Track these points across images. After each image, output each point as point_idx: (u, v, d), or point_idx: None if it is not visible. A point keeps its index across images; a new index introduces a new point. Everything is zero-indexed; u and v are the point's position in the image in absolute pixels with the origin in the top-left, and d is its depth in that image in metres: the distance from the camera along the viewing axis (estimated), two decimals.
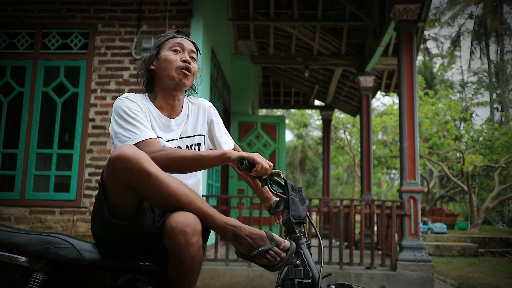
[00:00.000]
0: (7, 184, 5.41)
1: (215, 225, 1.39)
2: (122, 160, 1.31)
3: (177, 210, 1.36)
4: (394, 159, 16.89)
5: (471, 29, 26.57)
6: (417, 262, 4.73)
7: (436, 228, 13.92)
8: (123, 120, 1.55)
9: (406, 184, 4.98)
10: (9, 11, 4.82)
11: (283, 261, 1.37)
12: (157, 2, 4.81)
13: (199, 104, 1.82)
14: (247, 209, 4.95)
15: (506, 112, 20.99)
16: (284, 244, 1.39)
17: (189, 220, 1.32)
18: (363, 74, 7.78)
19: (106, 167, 1.36)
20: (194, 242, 1.31)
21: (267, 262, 1.37)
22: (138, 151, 1.35)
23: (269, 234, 1.40)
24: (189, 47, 1.73)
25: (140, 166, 1.31)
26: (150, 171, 1.32)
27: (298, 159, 30.44)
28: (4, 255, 1.35)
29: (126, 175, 1.32)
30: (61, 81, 4.71)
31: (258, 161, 1.43)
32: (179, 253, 1.32)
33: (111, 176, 1.35)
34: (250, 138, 8.13)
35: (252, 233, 1.38)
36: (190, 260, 1.33)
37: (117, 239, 1.43)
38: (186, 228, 1.30)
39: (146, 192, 1.36)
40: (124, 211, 1.40)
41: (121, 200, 1.38)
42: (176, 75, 1.66)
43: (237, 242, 1.39)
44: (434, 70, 29.58)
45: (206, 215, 1.38)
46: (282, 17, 7.28)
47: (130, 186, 1.35)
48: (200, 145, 1.77)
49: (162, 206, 1.39)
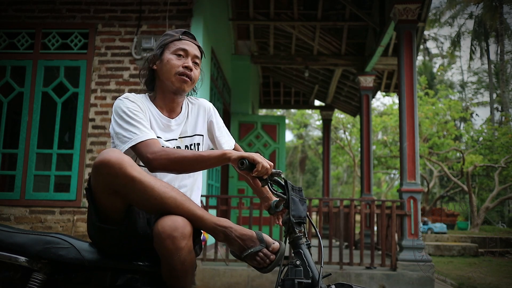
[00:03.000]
0: (7, 184, 5.40)
1: (206, 227, 1.38)
2: (105, 166, 1.30)
3: (165, 213, 1.35)
4: (394, 159, 16.89)
5: (471, 29, 26.58)
6: (417, 262, 4.73)
7: (436, 228, 13.92)
8: (123, 121, 1.55)
9: (406, 184, 4.98)
10: (9, 11, 4.82)
11: (273, 263, 1.37)
12: (157, 2, 4.81)
13: (199, 104, 1.81)
14: (247, 209, 4.95)
15: (506, 112, 20.98)
16: (274, 246, 1.39)
17: (177, 224, 1.31)
18: (363, 74, 7.77)
19: (92, 172, 1.36)
20: (182, 246, 1.30)
21: (257, 264, 1.38)
22: (122, 155, 1.34)
23: (259, 235, 1.40)
24: (193, 52, 1.71)
25: (123, 171, 1.30)
26: (134, 175, 1.31)
27: (298, 159, 30.43)
28: (4, 255, 1.35)
29: (110, 180, 1.31)
30: (61, 81, 4.71)
31: (258, 161, 1.43)
32: (169, 257, 1.31)
33: (96, 182, 1.35)
34: (250, 138, 8.13)
35: (243, 234, 1.38)
36: (181, 264, 1.33)
37: (109, 242, 1.43)
38: (173, 232, 1.29)
39: (131, 197, 1.35)
40: (113, 215, 1.40)
41: (108, 204, 1.38)
42: (175, 81, 1.65)
43: (229, 243, 1.40)
44: (434, 70, 29.59)
45: (195, 217, 1.37)
46: (282, 17, 7.28)
47: (116, 191, 1.35)
48: (199, 145, 1.77)
49: (150, 210, 1.38)
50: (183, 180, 1.65)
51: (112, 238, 1.41)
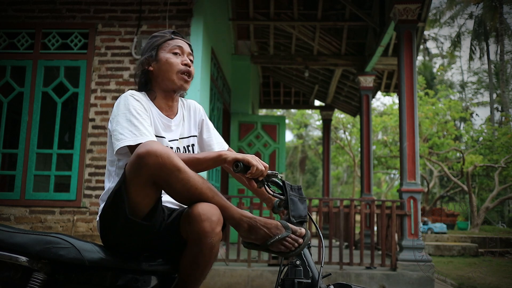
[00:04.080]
0: (7, 184, 5.41)
1: (233, 217, 1.43)
2: (153, 155, 1.32)
3: (199, 202, 1.39)
4: (394, 159, 16.89)
5: (471, 29, 26.58)
6: (417, 262, 4.73)
7: (436, 228, 13.93)
8: (124, 118, 1.54)
9: (406, 184, 4.98)
10: (9, 11, 4.82)
11: (301, 246, 1.42)
12: (157, 2, 4.81)
13: (189, 105, 1.82)
14: (247, 209, 4.95)
15: (506, 112, 20.99)
16: (300, 231, 1.44)
17: (214, 210, 1.37)
18: (363, 74, 7.77)
19: (133, 163, 1.36)
20: (218, 232, 1.36)
21: (284, 249, 1.41)
22: (166, 147, 1.37)
23: (284, 223, 1.44)
24: (187, 50, 1.73)
25: (171, 161, 1.33)
26: (180, 166, 1.35)
27: (298, 159, 30.44)
28: (4, 255, 1.35)
29: (156, 170, 1.33)
30: (61, 81, 4.71)
31: (253, 164, 1.44)
32: (202, 240, 1.35)
33: (138, 172, 1.35)
34: (250, 138, 8.13)
35: (267, 223, 1.43)
36: (210, 250, 1.36)
37: (131, 238, 1.43)
38: (212, 216, 1.35)
39: (173, 187, 1.37)
40: (142, 209, 1.40)
41: (141, 197, 1.38)
42: (177, 79, 1.66)
43: (252, 232, 1.42)
44: (434, 70, 29.59)
45: (224, 208, 1.42)
46: (282, 17, 7.28)
47: (155, 182, 1.36)
48: (194, 146, 1.78)
49: (187, 199, 1.41)
50: None
51: (136, 234, 1.42)
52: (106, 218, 1.48)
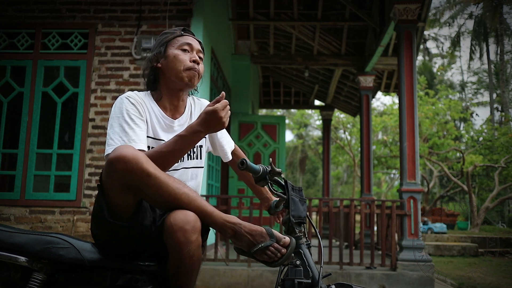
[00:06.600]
0: (7, 184, 5.40)
1: (215, 223, 1.39)
2: (121, 161, 1.30)
3: (177, 209, 1.36)
4: (394, 159, 16.89)
5: (471, 29, 26.58)
6: (417, 262, 4.73)
7: (436, 228, 13.92)
8: (117, 122, 1.53)
9: (406, 184, 4.98)
10: (9, 11, 4.82)
11: (284, 257, 1.38)
12: (157, 2, 4.81)
13: (201, 104, 1.79)
14: (247, 209, 4.95)
15: (506, 112, 21.00)
16: (284, 240, 1.40)
17: (188, 218, 1.33)
18: (363, 74, 7.77)
19: (105, 168, 1.35)
20: (193, 240, 1.32)
21: (267, 258, 1.38)
22: (137, 151, 1.34)
23: (269, 231, 1.40)
24: (197, 47, 1.70)
25: (139, 167, 1.31)
26: (149, 171, 1.32)
27: (298, 159, 30.44)
28: (4, 255, 1.35)
29: (126, 176, 1.31)
30: (61, 81, 4.71)
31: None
32: (178, 250, 1.32)
33: (110, 177, 1.34)
34: (250, 138, 8.13)
35: (252, 230, 1.39)
36: (189, 258, 1.34)
37: (117, 239, 1.43)
38: (185, 225, 1.31)
39: (145, 193, 1.35)
40: (123, 211, 1.40)
41: (120, 200, 1.38)
42: (185, 76, 1.62)
43: (237, 239, 1.39)
44: (434, 70, 29.58)
45: (205, 213, 1.38)
46: (282, 17, 7.28)
47: (129, 187, 1.35)
48: (202, 147, 1.75)
49: (162, 205, 1.39)
50: (187, 183, 1.65)
51: (120, 235, 1.41)
52: (93, 219, 1.48)
